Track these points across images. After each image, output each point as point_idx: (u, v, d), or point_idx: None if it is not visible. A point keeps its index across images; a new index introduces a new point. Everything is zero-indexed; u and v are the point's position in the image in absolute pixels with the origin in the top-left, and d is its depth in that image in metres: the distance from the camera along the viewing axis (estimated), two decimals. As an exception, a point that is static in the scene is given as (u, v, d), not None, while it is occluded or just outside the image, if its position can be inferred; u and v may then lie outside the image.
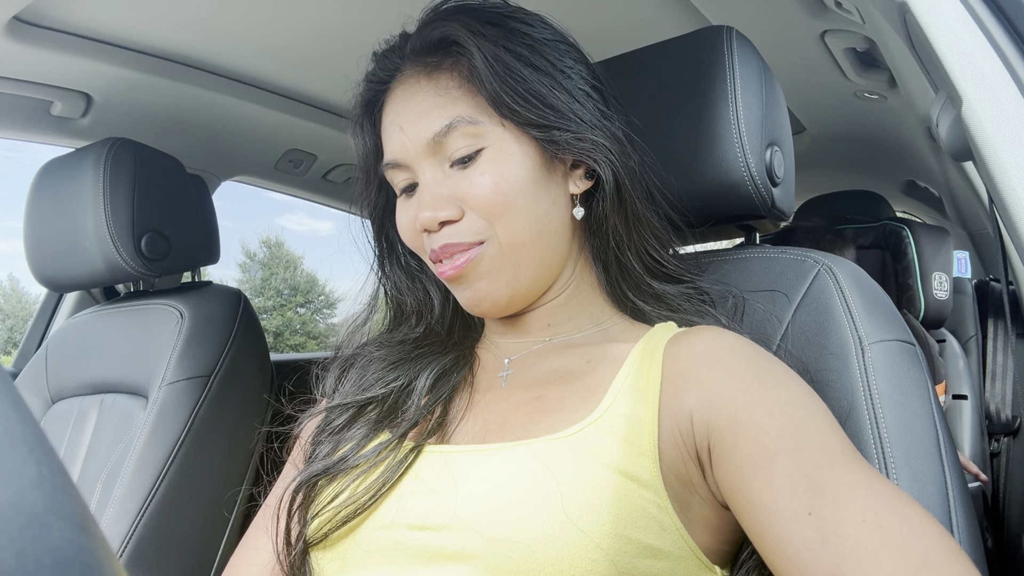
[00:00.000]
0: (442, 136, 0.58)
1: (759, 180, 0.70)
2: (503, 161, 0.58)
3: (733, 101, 0.69)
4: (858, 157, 2.06)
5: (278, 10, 1.14)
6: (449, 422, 0.60)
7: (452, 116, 0.58)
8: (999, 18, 0.50)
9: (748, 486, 0.47)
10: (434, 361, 0.65)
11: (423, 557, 0.51)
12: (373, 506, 0.54)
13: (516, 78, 0.57)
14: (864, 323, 0.63)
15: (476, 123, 0.58)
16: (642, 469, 0.51)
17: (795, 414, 0.49)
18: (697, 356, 0.55)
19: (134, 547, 1.01)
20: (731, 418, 0.50)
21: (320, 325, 27.14)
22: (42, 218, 1.22)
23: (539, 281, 0.62)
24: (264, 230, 50.24)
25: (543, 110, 0.57)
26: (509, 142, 0.59)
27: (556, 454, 0.51)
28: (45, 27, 1.10)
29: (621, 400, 0.55)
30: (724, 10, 1.20)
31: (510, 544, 0.48)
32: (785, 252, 0.72)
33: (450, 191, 0.59)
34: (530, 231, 0.59)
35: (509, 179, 0.58)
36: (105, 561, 0.16)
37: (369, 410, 0.63)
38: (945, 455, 0.58)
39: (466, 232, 0.59)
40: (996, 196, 0.48)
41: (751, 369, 0.53)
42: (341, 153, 1.73)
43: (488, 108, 0.58)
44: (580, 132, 0.59)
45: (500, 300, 0.61)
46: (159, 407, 1.10)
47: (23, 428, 0.17)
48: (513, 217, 0.58)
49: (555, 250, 0.62)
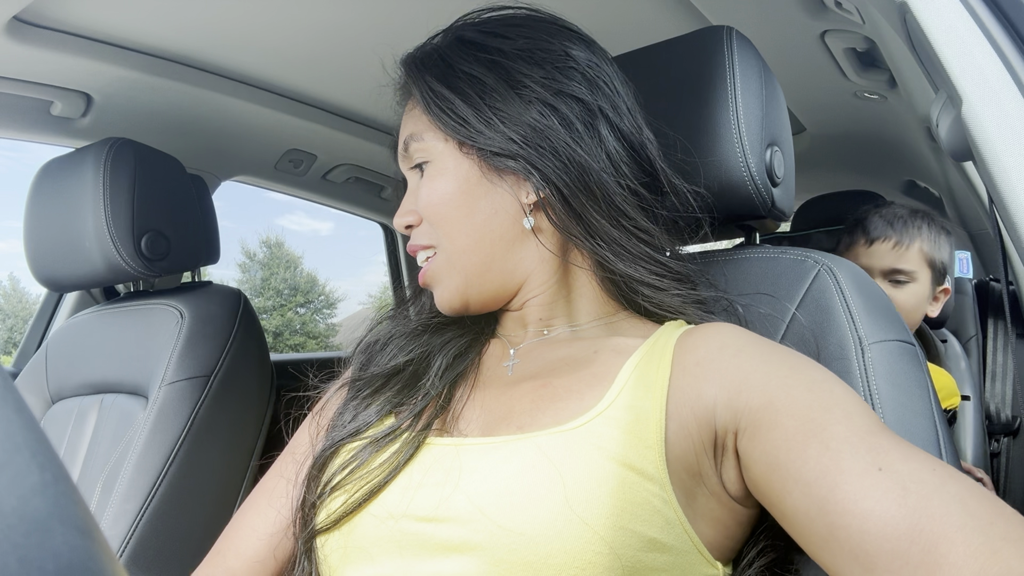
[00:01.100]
0: (404, 152, 0.67)
1: (759, 180, 0.70)
2: (437, 174, 0.64)
3: (733, 101, 0.69)
4: (858, 157, 2.06)
5: (278, 10, 1.14)
6: (452, 408, 0.62)
7: (407, 133, 0.66)
8: (999, 18, 0.50)
9: (801, 455, 0.46)
10: (450, 342, 0.68)
11: (428, 548, 0.52)
12: (378, 492, 0.56)
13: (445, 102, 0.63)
14: (864, 323, 0.63)
15: (421, 140, 0.65)
16: (647, 462, 0.51)
17: (834, 390, 0.49)
18: (716, 346, 0.56)
19: (134, 547, 1.02)
20: (766, 397, 0.50)
21: (320, 325, 27.14)
22: (42, 218, 1.22)
23: (491, 286, 0.65)
24: (264, 230, 50.24)
25: (468, 131, 0.62)
26: (447, 157, 0.64)
27: (561, 448, 0.52)
28: (45, 27, 1.10)
29: (628, 392, 0.55)
30: (724, 10, 1.20)
31: (515, 536, 0.49)
32: (785, 252, 0.72)
33: (415, 200, 0.66)
34: (468, 239, 0.63)
35: (440, 191, 0.63)
36: (108, 566, 0.16)
37: (392, 383, 0.65)
38: (945, 455, 0.58)
39: (420, 236, 0.66)
40: (996, 196, 0.48)
41: (776, 354, 0.54)
42: (341, 153, 1.73)
43: (434, 126, 0.64)
44: (508, 151, 0.61)
45: (455, 303, 0.66)
46: (159, 407, 1.10)
47: (26, 433, 0.17)
48: (451, 226, 0.63)
49: (503, 257, 0.64)
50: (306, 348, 25.69)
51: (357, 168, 1.84)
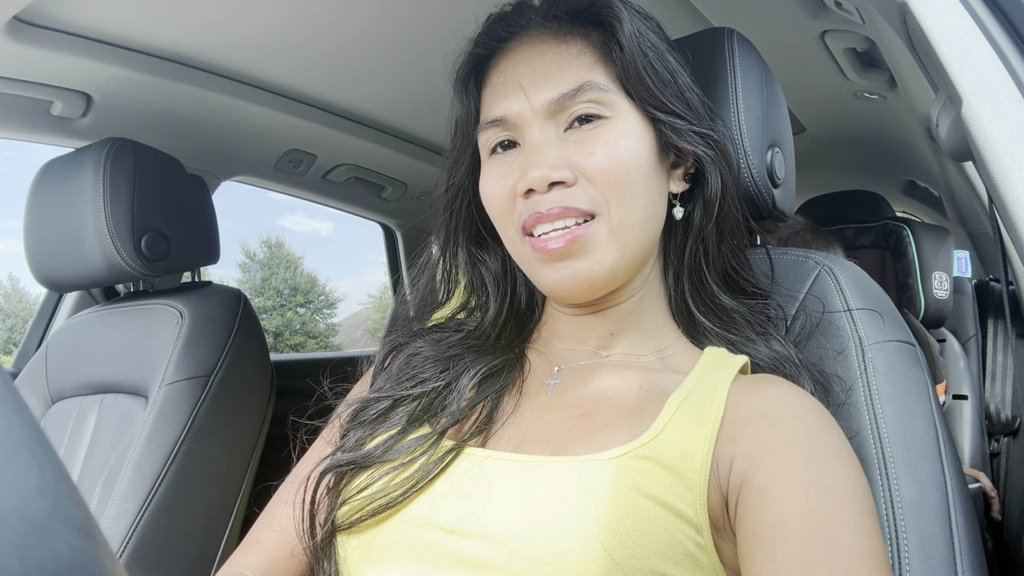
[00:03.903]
0: (569, 99, 0.56)
1: (760, 181, 0.70)
2: (627, 135, 0.57)
3: (734, 103, 0.69)
4: (858, 157, 2.06)
5: (278, 10, 1.14)
6: (488, 420, 0.59)
7: (583, 79, 0.56)
8: (999, 18, 0.50)
9: (754, 556, 0.45)
10: (480, 360, 0.63)
11: (450, 561, 0.50)
12: (405, 501, 0.54)
13: (655, 57, 0.58)
14: (864, 324, 0.63)
15: (607, 91, 0.57)
16: (687, 504, 0.49)
17: (828, 501, 0.46)
18: (758, 412, 0.53)
19: (134, 547, 1.01)
20: (765, 482, 0.48)
21: (320, 325, 27.15)
22: (42, 218, 1.22)
23: (633, 271, 0.61)
24: (264, 230, 50.27)
25: (673, 96, 0.58)
26: (633, 119, 0.58)
27: (598, 476, 0.50)
28: (45, 27, 1.10)
29: (673, 428, 0.52)
30: (724, 10, 1.20)
31: (539, 564, 0.47)
32: (786, 253, 0.72)
33: (564, 155, 0.56)
34: (640, 215, 0.57)
35: (630, 154, 0.56)
36: (108, 566, 0.16)
37: (408, 401, 0.62)
38: (945, 455, 0.58)
39: (581, 198, 0.56)
40: (996, 196, 0.48)
41: (807, 440, 0.50)
42: (341, 153, 1.73)
43: (616, 82, 0.58)
44: (700, 127, 0.60)
45: (599, 281, 0.57)
46: (159, 407, 1.10)
47: (26, 434, 0.17)
48: (628, 195, 0.56)
49: (652, 244, 0.62)
50: (306, 348, 25.70)
51: (357, 168, 1.84)
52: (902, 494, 0.56)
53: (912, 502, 0.55)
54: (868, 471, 0.57)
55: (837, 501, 0.46)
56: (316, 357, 2.12)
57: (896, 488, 0.56)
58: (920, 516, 0.55)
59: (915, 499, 0.56)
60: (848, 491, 0.47)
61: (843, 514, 0.46)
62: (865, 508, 0.47)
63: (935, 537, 0.54)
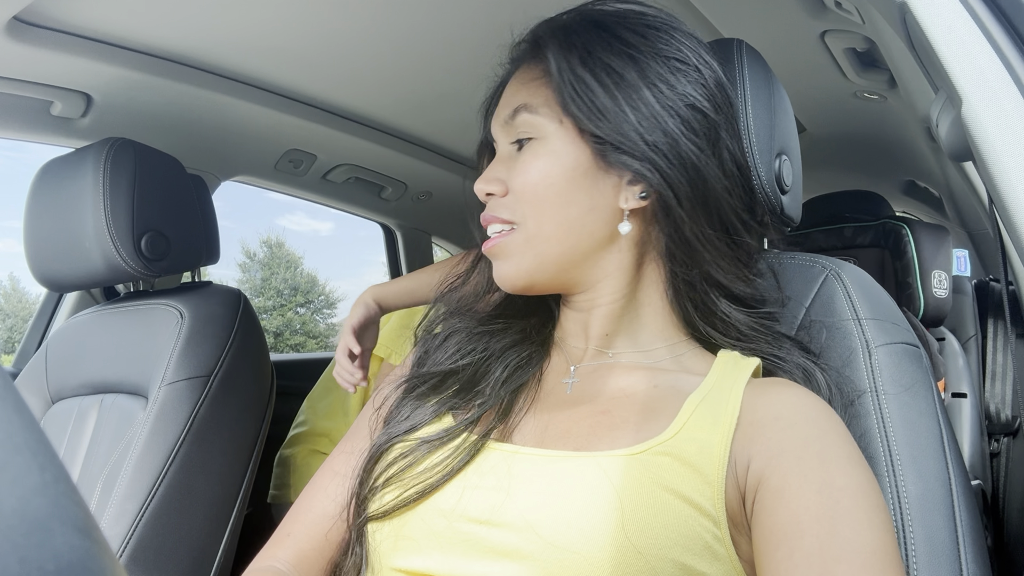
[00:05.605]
0: (509, 120, 0.64)
1: (769, 189, 0.71)
2: (544, 154, 0.61)
3: (744, 113, 0.70)
4: (858, 157, 2.06)
5: (278, 10, 1.14)
6: (511, 417, 0.62)
7: (517, 103, 0.63)
8: (999, 18, 0.50)
9: (772, 553, 0.48)
10: (511, 348, 0.67)
11: (479, 549, 0.53)
12: (434, 490, 0.56)
13: (583, 86, 0.59)
14: (871, 327, 0.65)
15: (535, 113, 0.62)
16: (705, 498, 0.51)
17: (842, 500, 0.48)
18: (772, 415, 0.55)
19: (134, 547, 1.01)
20: (781, 482, 0.50)
21: (320, 325, 27.14)
22: (42, 218, 1.22)
23: (560, 279, 0.64)
24: (264, 230, 50.25)
25: (599, 122, 0.59)
26: (558, 139, 0.61)
27: (621, 471, 0.52)
28: (45, 27, 1.10)
29: (692, 425, 0.55)
30: (723, 11, 1.20)
31: (567, 553, 0.49)
32: (793, 258, 0.73)
33: (506, 171, 0.64)
34: (556, 229, 0.61)
35: (542, 172, 0.61)
36: (108, 566, 0.16)
37: (450, 383, 0.66)
38: (948, 452, 0.60)
39: (501, 209, 0.63)
40: (996, 196, 0.48)
41: (820, 442, 0.52)
42: (341, 153, 1.73)
43: (555, 104, 0.61)
44: (634, 151, 0.59)
45: (517, 282, 0.64)
46: (159, 407, 1.10)
47: (26, 434, 0.17)
48: (541, 209, 0.61)
49: (583, 256, 0.62)
50: (306, 348, 25.70)
51: (357, 168, 1.84)
52: (908, 490, 0.58)
53: (918, 498, 0.57)
54: (875, 469, 0.59)
55: (850, 500, 0.49)
56: (316, 357, 2.11)
57: (903, 485, 0.58)
58: (926, 511, 0.57)
59: (921, 495, 0.57)
60: (859, 491, 0.49)
61: (855, 513, 0.48)
62: (876, 506, 0.49)
63: (940, 531, 0.56)
